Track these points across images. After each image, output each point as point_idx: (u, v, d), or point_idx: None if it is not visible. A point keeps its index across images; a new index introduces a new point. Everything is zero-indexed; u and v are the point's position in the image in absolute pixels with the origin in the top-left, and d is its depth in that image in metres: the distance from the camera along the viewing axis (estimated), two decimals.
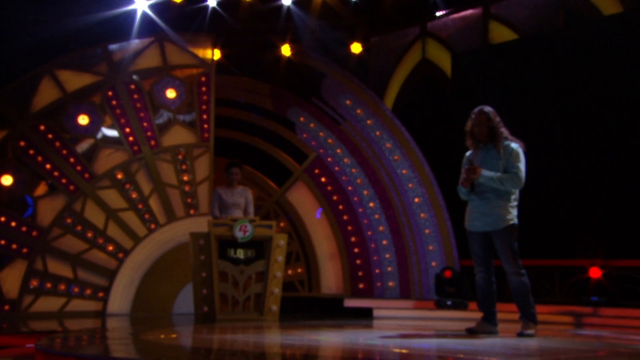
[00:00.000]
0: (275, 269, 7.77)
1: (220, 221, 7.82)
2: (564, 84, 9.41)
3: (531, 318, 5.58)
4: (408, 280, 9.17)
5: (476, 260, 5.70)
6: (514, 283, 5.56)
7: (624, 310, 7.93)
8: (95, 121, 9.32)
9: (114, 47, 9.53)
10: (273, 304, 7.78)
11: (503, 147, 5.58)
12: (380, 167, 9.49)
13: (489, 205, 5.54)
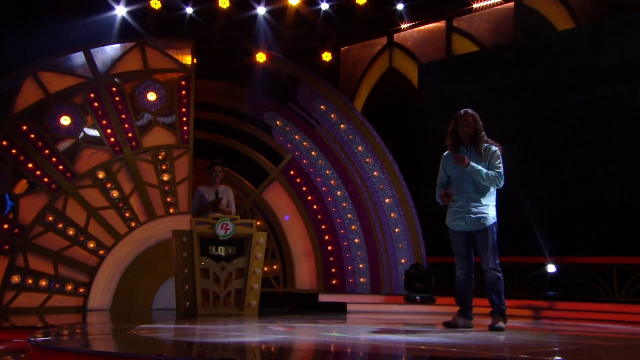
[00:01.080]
0: (254, 265, 7.60)
1: (202, 219, 7.51)
2: (520, 91, 9.45)
3: (502, 314, 5.53)
4: (379, 276, 9.08)
5: (458, 258, 5.64)
6: (491, 279, 5.51)
7: (578, 304, 8.00)
8: (77, 122, 8.98)
9: (96, 51, 9.16)
10: (252, 299, 7.60)
11: (485, 148, 5.52)
12: (353, 169, 9.38)
13: (472, 206, 5.48)
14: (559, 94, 9.05)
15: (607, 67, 8.76)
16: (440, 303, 8.28)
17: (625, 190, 8.32)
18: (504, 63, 9.83)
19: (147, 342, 4.63)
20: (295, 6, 10.98)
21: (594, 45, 8.99)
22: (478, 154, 5.51)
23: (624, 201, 8.31)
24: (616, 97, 8.63)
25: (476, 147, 5.52)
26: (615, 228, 8.49)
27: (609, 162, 8.47)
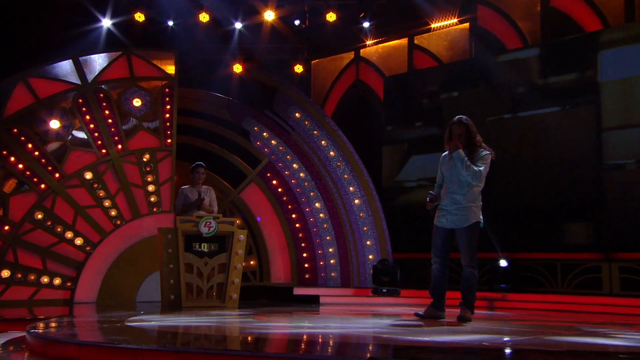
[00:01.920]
0: (235, 261, 7.36)
1: (187, 218, 7.30)
2: (472, 104, 9.54)
3: (470, 307, 5.43)
4: (348, 271, 9.01)
5: (435, 252, 5.49)
6: (467, 274, 5.40)
7: (527, 295, 8.11)
8: (66, 126, 8.63)
9: (85, 59, 8.83)
10: (233, 293, 7.37)
11: (478, 151, 5.39)
12: (325, 172, 9.28)
13: (456, 206, 5.36)
14: (506, 109, 9.21)
15: (548, 85, 8.93)
16: (405, 295, 8.25)
17: (562, 196, 8.51)
18: (459, 77, 9.92)
19: (145, 334, 4.39)
20: (270, 22, 10.88)
21: (539, 65, 9.14)
22: (471, 158, 5.34)
23: (564, 205, 8.48)
24: (555, 113, 8.82)
25: (471, 152, 5.35)
26: (558, 227, 8.64)
27: (548, 170, 8.66)
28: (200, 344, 3.65)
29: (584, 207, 8.37)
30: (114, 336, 4.02)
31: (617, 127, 8.28)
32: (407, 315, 6.20)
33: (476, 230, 5.38)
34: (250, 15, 10.81)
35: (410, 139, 10.20)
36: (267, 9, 10.70)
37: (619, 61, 8.40)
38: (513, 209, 8.82)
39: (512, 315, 6.65)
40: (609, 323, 5.80)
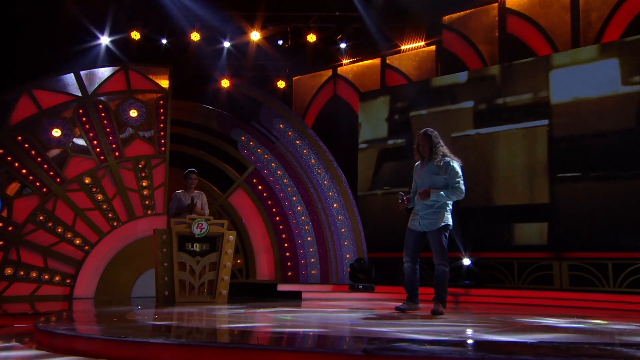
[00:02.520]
0: (225, 259, 7.32)
1: (181, 220, 7.23)
2: (440, 118, 9.57)
3: (443, 302, 5.45)
4: (327, 269, 8.98)
5: (406, 252, 5.51)
6: (439, 271, 5.42)
7: (488, 290, 8.14)
8: (67, 134, 8.50)
9: (85, 73, 8.72)
10: (223, 289, 7.32)
11: (443, 163, 5.39)
12: (307, 179, 9.26)
13: (428, 211, 5.40)
14: (469, 125, 9.28)
15: (506, 104, 9.03)
16: (379, 291, 8.25)
17: (520, 203, 8.61)
18: (426, 93, 9.99)
19: (146, 327, 4.32)
20: (256, 42, 10.85)
21: (498, 85, 9.24)
22: (436, 166, 5.38)
23: (521, 211, 8.58)
24: (513, 131, 8.92)
25: (433, 161, 5.40)
26: (515, 230, 8.72)
27: (507, 181, 8.76)
28: (203, 337, 3.58)
29: (538, 213, 8.46)
30: (117, 330, 3.94)
31: (567, 143, 8.38)
32: (381, 309, 6.22)
33: (446, 232, 5.41)
34: (238, 35, 10.77)
35: (382, 149, 10.23)
36: (253, 29, 10.68)
37: (568, 83, 8.53)
38: (476, 215, 8.87)
39: (475, 309, 6.69)
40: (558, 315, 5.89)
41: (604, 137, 8.09)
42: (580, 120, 8.31)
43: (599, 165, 8.06)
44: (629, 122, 7.93)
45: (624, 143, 7.91)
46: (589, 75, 8.37)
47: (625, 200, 7.80)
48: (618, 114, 8.04)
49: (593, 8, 9.03)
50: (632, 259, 7.57)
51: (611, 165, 7.99)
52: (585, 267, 7.94)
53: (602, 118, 8.15)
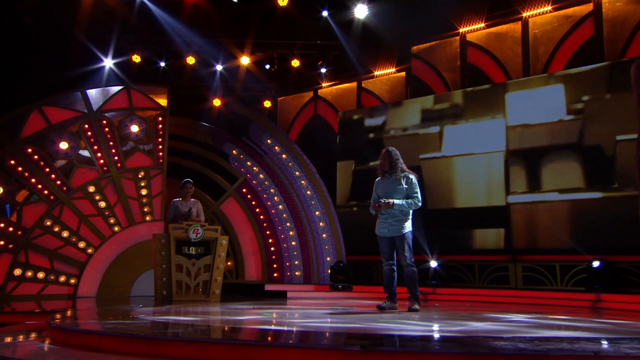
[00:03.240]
0: (218, 262, 7.22)
1: (178, 225, 7.13)
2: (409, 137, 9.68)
3: (417, 298, 5.47)
4: (310, 270, 8.92)
5: (384, 256, 5.51)
6: (408, 273, 5.43)
7: (452, 289, 8.19)
8: (74, 147, 8.33)
9: (91, 91, 8.58)
10: (216, 289, 7.21)
11: (402, 176, 5.45)
12: (291, 189, 9.21)
13: (394, 219, 5.42)
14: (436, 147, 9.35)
15: (468, 127, 9.15)
16: (356, 290, 8.22)
17: (481, 214, 8.72)
18: (397, 114, 10.07)
19: (152, 324, 4.22)
20: (245, 66, 10.83)
21: (461, 109, 9.39)
22: (396, 180, 5.43)
23: (482, 221, 8.68)
24: (475, 155, 9.02)
25: (393, 175, 5.45)
26: (477, 237, 8.81)
27: (471, 197, 8.85)
28: (208, 334, 3.53)
29: (496, 222, 8.56)
30: (125, 326, 3.85)
31: (519, 165, 8.51)
32: (363, 307, 6.19)
33: (410, 236, 5.45)
34: (229, 59, 10.74)
35: (358, 162, 10.27)
36: (243, 55, 10.67)
37: (521, 106, 8.70)
38: (444, 224, 8.94)
39: (444, 306, 6.69)
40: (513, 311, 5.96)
41: (550, 154, 8.26)
42: (531, 140, 8.47)
43: (548, 181, 8.22)
44: (571, 140, 8.12)
45: (568, 159, 8.08)
46: (538, 99, 8.55)
47: (570, 211, 7.96)
48: (563, 134, 8.23)
49: (540, 44, 9.24)
50: (577, 261, 7.72)
51: (558, 180, 8.15)
52: (537, 268, 8.08)
53: (550, 137, 8.33)
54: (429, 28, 10.03)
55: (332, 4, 9.23)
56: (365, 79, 10.99)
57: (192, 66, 10.55)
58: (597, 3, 8.78)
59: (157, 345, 3.03)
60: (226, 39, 10.30)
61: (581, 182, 7.94)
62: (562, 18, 9.15)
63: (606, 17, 8.74)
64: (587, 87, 8.19)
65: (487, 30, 9.71)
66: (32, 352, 3.40)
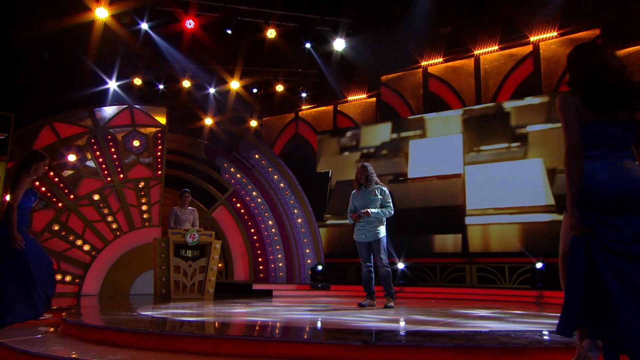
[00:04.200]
0: (212, 264, 7.09)
1: (176, 230, 6.98)
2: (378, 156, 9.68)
3: (392, 296, 5.45)
4: (292, 271, 8.83)
5: (362, 259, 5.50)
6: (383, 273, 5.42)
7: (417, 288, 8.25)
8: (81, 159, 8.10)
9: (98, 110, 8.38)
10: (210, 288, 7.07)
11: (376, 188, 5.46)
12: (277, 199, 9.14)
13: (370, 226, 5.42)
14: (402, 167, 9.40)
15: (431, 150, 9.24)
16: (334, 289, 8.18)
17: (443, 225, 8.76)
18: (368, 134, 10.12)
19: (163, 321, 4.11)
20: (235, 90, 10.76)
21: (423, 130, 9.52)
22: (371, 191, 5.44)
23: (444, 229, 8.74)
24: (435, 179, 9.11)
25: (369, 187, 5.46)
26: (438, 242, 8.88)
27: (435, 212, 8.86)
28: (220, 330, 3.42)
29: (455, 230, 8.62)
30: (136, 323, 3.73)
31: (474, 194, 8.63)
32: (340, 304, 6.15)
33: (385, 240, 5.46)
34: (221, 83, 10.65)
35: (334, 174, 10.25)
36: (233, 79, 10.60)
37: (473, 133, 8.86)
38: (411, 231, 8.95)
39: (413, 303, 6.64)
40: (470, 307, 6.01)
41: (501, 174, 8.43)
42: (484, 164, 8.58)
43: (498, 199, 8.38)
44: (518, 163, 8.32)
45: (514, 179, 8.26)
46: (489, 124, 8.74)
47: (516, 222, 8.13)
48: (511, 156, 8.42)
49: (490, 77, 9.47)
50: (522, 263, 7.86)
51: (507, 198, 8.31)
52: (489, 269, 8.19)
53: (500, 159, 8.50)
54: (397, 61, 10.16)
55: (314, 37, 9.26)
56: (341, 103, 11.04)
57: (188, 89, 10.42)
58: (535, 45, 9.07)
59: (173, 341, 2.93)
60: (219, 66, 10.22)
61: (527, 200, 8.11)
62: (507, 56, 9.41)
63: (543, 56, 9.03)
64: (529, 117, 8.43)
65: (445, 64, 9.91)
66: (53, 346, 3.25)
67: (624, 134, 2.16)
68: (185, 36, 8.65)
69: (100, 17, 7.99)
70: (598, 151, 2.16)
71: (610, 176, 2.09)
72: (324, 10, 8.93)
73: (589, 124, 2.18)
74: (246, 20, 8.83)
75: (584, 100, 2.18)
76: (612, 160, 2.13)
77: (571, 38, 8.88)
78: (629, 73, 2.20)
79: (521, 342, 2.26)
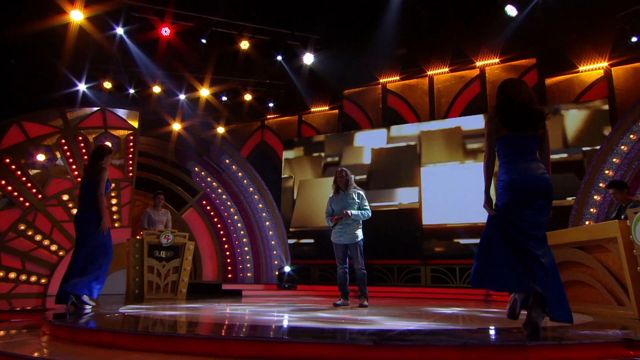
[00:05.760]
0: (185, 264, 6.84)
1: (151, 232, 6.68)
2: (340, 160, 9.70)
3: (366, 296, 5.40)
4: (260, 272, 8.68)
5: (338, 261, 5.43)
6: (359, 275, 5.38)
7: (377, 287, 8.23)
8: (50, 158, 7.60)
9: (70, 110, 7.89)
10: (183, 288, 6.81)
11: (354, 191, 5.44)
12: (245, 202, 8.97)
13: (348, 229, 5.37)
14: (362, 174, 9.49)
15: (389, 165, 9.41)
16: (300, 289, 8.10)
17: (401, 233, 8.86)
18: (331, 144, 10.17)
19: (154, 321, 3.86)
20: (205, 97, 10.48)
21: (382, 141, 9.68)
22: (349, 195, 5.41)
23: (403, 235, 8.81)
24: (396, 190, 9.30)
25: (347, 191, 5.43)
26: (396, 246, 8.97)
27: (399, 221, 8.91)
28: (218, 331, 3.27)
29: (412, 236, 8.79)
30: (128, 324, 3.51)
31: (429, 201, 8.85)
32: (313, 302, 6.09)
33: (362, 243, 5.43)
34: (191, 91, 10.34)
35: (299, 180, 10.21)
36: (203, 87, 10.32)
37: (430, 147, 9.12)
38: (372, 236, 8.99)
39: (377, 302, 6.66)
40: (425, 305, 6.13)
41: (454, 188, 8.72)
42: (438, 173, 8.88)
43: (452, 211, 8.67)
44: (468, 176, 8.64)
45: (465, 191, 8.58)
46: (441, 138, 9.03)
47: (467, 230, 8.43)
48: (462, 171, 8.72)
49: (442, 95, 9.81)
50: (471, 264, 8.14)
51: (462, 210, 8.61)
52: (442, 270, 8.42)
53: (452, 173, 8.80)
54: (359, 77, 10.30)
55: (285, 50, 9.19)
56: (305, 113, 11.03)
57: (159, 94, 10.04)
58: (482, 69, 9.52)
59: (174, 342, 2.74)
60: (190, 74, 9.93)
61: (472, 211, 8.44)
62: (457, 78, 9.80)
63: (488, 79, 9.49)
64: (476, 135, 8.79)
65: (403, 82, 10.16)
66: (46, 349, 2.99)
67: (530, 144, 2.89)
68: (161, 43, 8.33)
69: (75, 19, 7.54)
70: (512, 157, 2.89)
71: (518, 174, 2.83)
72: (294, 26, 8.90)
73: (506, 138, 2.91)
74: (221, 31, 8.64)
75: (502, 121, 2.90)
76: (521, 163, 2.86)
77: (512, 65, 9.39)
78: (534, 103, 2.91)
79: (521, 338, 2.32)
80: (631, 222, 4.08)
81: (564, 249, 5.04)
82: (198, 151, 9.15)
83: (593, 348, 2.38)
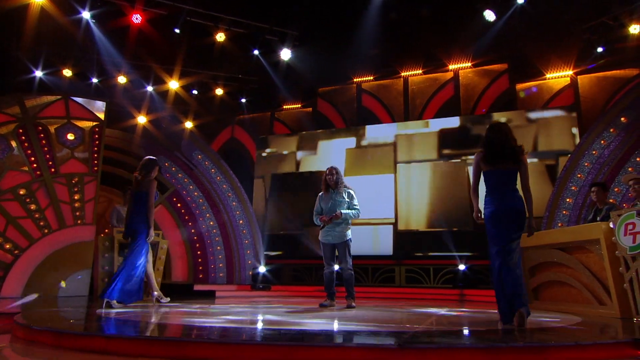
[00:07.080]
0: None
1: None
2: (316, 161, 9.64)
3: (353, 297, 5.33)
4: (232, 272, 8.45)
5: (326, 260, 5.35)
6: (347, 276, 5.30)
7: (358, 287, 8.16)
8: (4, 149, 7.03)
9: (28, 98, 7.35)
10: None
11: (344, 191, 5.38)
12: (219, 200, 8.71)
13: (337, 228, 5.29)
14: None
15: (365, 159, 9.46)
16: (274, 290, 7.97)
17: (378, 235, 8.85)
18: (304, 141, 10.08)
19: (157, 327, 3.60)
20: (174, 90, 10.10)
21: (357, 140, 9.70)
22: (339, 194, 5.34)
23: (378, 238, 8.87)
24: (370, 181, 9.34)
25: (338, 190, 5.36)
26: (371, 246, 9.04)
27: None
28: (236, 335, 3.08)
29: (386, 238, 8.86)
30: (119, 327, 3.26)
31: (405, 200, 8.91)
32: (279, 303, 5.94)
33: (350, 243, 5.35)
34: (160, 82, 9.93)
35: (272, 179, 10.05)
36: (172, 79, 9.95)
37: (404, 147, 9.21)
38: None
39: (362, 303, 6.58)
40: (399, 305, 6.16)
41: (430, 191, 8.85)
42: (416, 173, 8.95)
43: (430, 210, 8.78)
44: (444, 177, 8.81)
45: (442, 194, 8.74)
46: (416, 137, 9.16)
47: (441, 233, 8.57)
48: (437, 171, 8.89)
49: (417, 96, 9.97)
50: (445, 265, 8.31)
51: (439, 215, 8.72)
52: (416, 270, 8.52)
53: (429, 172, 8.93)
54: (333, 75, 10.28)
55: (262, 45, 9.00)
56: (278, 110, 10.87)
57: (125, 85, 9.56)
58: (455, 72, 9.75)
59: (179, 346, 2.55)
60: (161, 65, 9.53)
61: (453, 214, 8.59)
62: (432, 80, 9.99)
63: (462, 82, 9.73)
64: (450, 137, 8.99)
65: (377, 82, 10.23)
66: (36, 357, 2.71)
67: (509, 177, 3.49)
68: (132, 31, 7.93)
69: (36, 0, 7.04)
70: (493, 188, 3.52)
71: (497, 203, 3.47)
72: (273, 20, 8.74)
73: (488, 172, 3.52)
74: (195, 21, 8.35)
75: (483, 158, 3.54)
76: (500, 194, 3.48)
77: (484, 69, 9.68)
78: (510, 141, 3.48)
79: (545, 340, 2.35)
80: (615, 224, 4.26)
81: (546, 250, 5.21)
82: (169, 146, 8.78)
83: (606, 348, 2.44)
